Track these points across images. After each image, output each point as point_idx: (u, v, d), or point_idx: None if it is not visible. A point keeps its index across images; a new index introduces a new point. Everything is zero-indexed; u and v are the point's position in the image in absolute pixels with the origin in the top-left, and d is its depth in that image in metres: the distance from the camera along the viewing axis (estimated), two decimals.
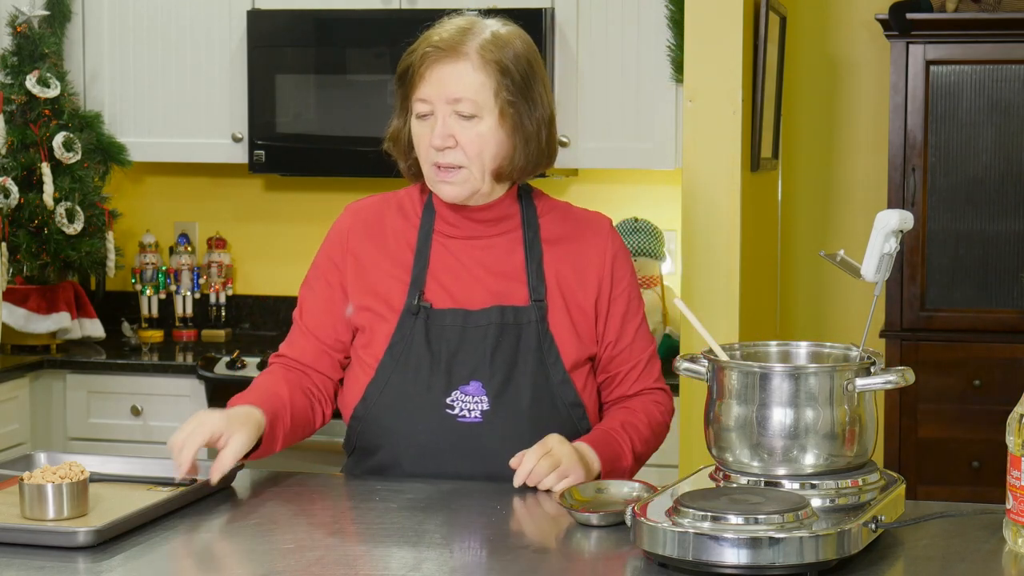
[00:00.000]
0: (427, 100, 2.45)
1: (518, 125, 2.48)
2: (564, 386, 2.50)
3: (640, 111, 4.27)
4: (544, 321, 2.51)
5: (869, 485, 2.11)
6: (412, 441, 2.47)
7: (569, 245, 2.58)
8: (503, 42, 2.47)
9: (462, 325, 2.49)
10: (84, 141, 4.51)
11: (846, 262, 2.22)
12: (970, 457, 4.30)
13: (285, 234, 4.86)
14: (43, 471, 2.19)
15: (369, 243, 2.57)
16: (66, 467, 2.20)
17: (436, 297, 2.51)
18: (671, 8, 4.16)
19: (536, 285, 2.52)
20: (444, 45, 2.45)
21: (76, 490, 2.17)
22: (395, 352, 2.49)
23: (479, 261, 2.54)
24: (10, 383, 4.23)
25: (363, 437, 2.52)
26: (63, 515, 2.15)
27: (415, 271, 2.52)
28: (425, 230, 2.55)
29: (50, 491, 2.15)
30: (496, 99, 2.45)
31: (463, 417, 2.46)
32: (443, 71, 2.44)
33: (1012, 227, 4.31)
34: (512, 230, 2.56)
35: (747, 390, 2.10)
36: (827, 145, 4.73)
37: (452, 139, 2.45)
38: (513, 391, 2.47)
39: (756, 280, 4.16)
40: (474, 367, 2.47)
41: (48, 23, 4.54)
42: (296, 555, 2.06)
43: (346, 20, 4.40)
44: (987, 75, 4.29)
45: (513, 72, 2.46)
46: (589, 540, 2.13)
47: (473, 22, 2.50)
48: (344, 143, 4.40)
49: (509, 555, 2.07)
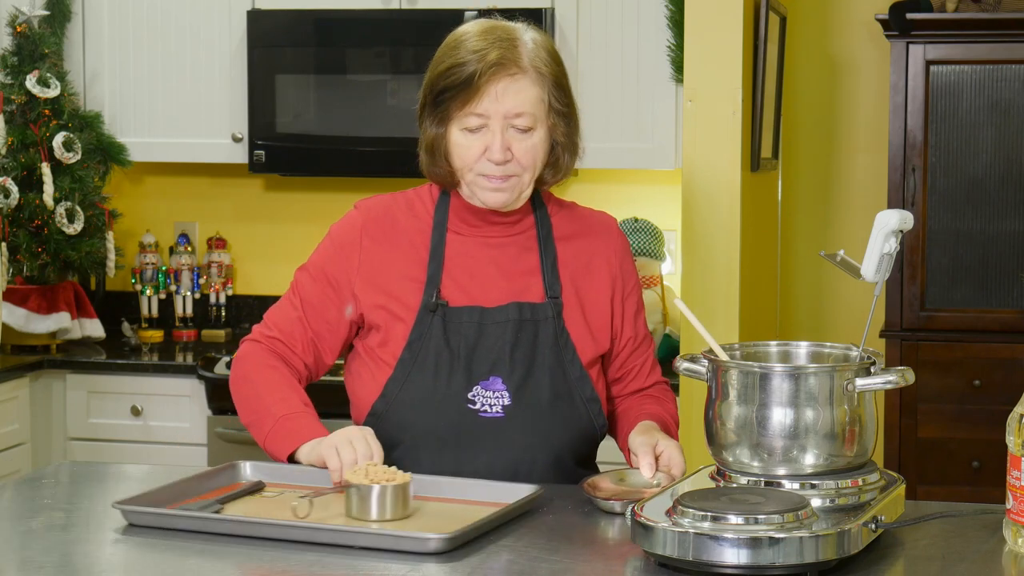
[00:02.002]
0: (484, 115, 2.44)
1: (566, 132, 2.52)
2: (582, 381, 2.52)
3: (640, 111, 4.27)
4: (560, 318, 2.53)
5: (869, 485, 2.11)
6: (434, 436, 2.48)
7: (580, 243, 2.60)
8: (547, 49, 2.49)
9: (479, 322, 2.50)
10: (84, 141, 4.51)
11: (846, 262, 2.22)
12: (970, 457, 4.30)
13: (285, 234, 4.86)
14: (367, 471, 2.21)
15: (382, 241, 2.56)
16: (388, 471, 2.22)
17: (452, 295, 2.52)
18: (671, 8, 4.16)
19: (552, 282, 2.54)
20: (504, 60, 2.43)
21: (402, 493, 2.20)
22: (414, 349, 2.49)
23: (494, 259, 2.55)
24: (10, 383, 4.23)
25: (382, 433, 2.52)
26: (386, 517, 2.18)
27: (431, 269, 2.53)
28: (439, 229, 2.55)
29: (375, 493, 2.18)
30: (549, 111, 2.48)
31: (485, 412, 2.47)
32: (505, 87, 2.43)
33: (1012, 227, 4.31)
34: (526, 229, 2.57)
35: (747, 390, 2.10)
36: (827, 145, 4.73)
37: (509, 152, 2.46)
38: (533, 386, 2.49)
39: (756, 280, 4.16)
40: (493, 363, 2.49)
41: (48, 23, 4.54)
42: (296, 555, 2.06)
43: (346, 20, 4.40)
44: (987, 75, 4.29)
45: (563, 83, 2.50)
46: (589, 539, 2.13)
47: (509, 30, 2.48)
48: (344, 143, 4.40)
49: (509, 555, 2.07)
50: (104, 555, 2.14)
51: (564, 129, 2.51)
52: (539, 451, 2.46)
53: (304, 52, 4.44)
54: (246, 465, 2.43)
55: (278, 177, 4.83)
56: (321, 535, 2.10)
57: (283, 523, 2.13)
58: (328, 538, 2.09)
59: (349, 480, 2.20)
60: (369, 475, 2.21)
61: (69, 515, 2.29)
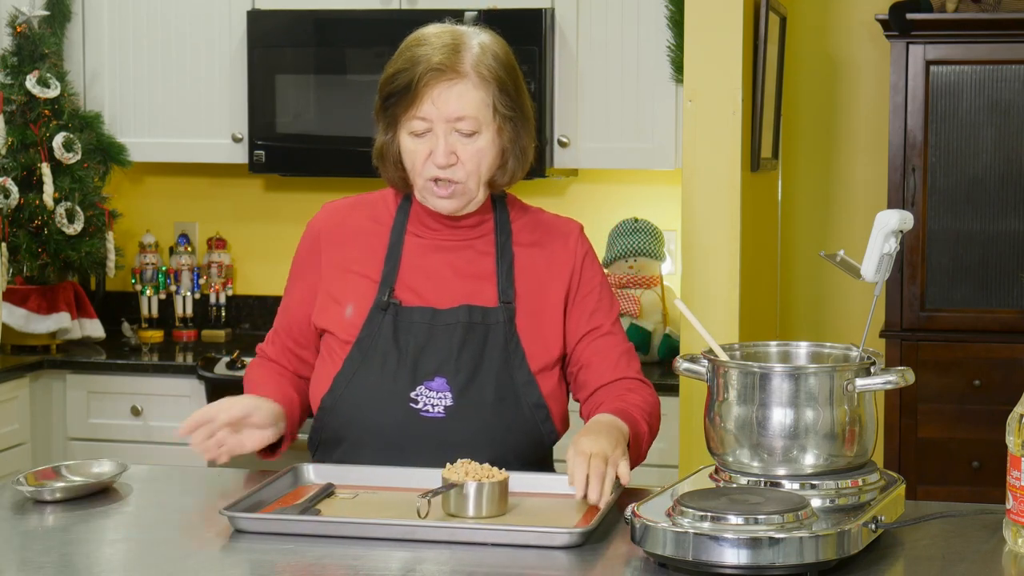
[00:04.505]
0: (426, 119, 2.47)
1: (514, 137, 2.52)
2: (529, 387, 2.52)
3: (640, 111, 4.27)
4: (512, 323, 2.53)
5: (869, 485, 2.11)
6: (375, 434, 2.49)
7: (540, 250, 2.60)
8: (493, 54, 2.50)
9: (430, 322, 2.52)
10: (84, 141, 4.51)
11: (846, 262, 2.22)
12: (970, 457, 4.30)
13: (285, 234, 4.85)
14: (465, 468, 2.23)
15: (341, 241, 2.61)
16: (485, 468, 2.24)
17: (405, 296, 2.54)
18: (671, 8, 4.16)
19: (505, 288, 2.55)
20: (443, 65, 2.45)
21: (500, 490, 2.22)
22: (363, 346, 2.52)
23: (450, 263, 2.57)
24: (10, 383, 4.23)
25: (328, 429, 2.55)
26: (482, 513, 2.20)
27: (386, 269, 2.56)
28: (397, 231, 2.58)
29: (473, 490, 2.20)
30: (494, 115, 2.48)
31: (426, 412, 2.48)
32: (443, 91, 2.45)
33: (1012, 227, 4.31)
34: (485, 234, 2.59)
35: (747, 390, 2.10)
36: (827, 145, 4.73)
37: (454, 156, 2.47)
38: (477, 388, 2.49)
39: (756, 280, 4.16)
40: (440, 363, 2.50)
41: (48, 23, 4.54)
42: (296, 555, 2.06)
43: (346, 20, 4.40)
44: (987, 75, 4.29)
45: (508, 86, 2.50)
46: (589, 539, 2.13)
47: (457, 35, 2.51)
48: (344, 143, 4.40)
49: (509, 555, 2.07)
50: (104, 555, 2.14)
51: (511, 134, 2.51)
52: (480, 453, 2.41)
53: (304, 52, 4.44)
54: (309, 468, 2.45)
55: (278, 177, 4.83)
56: (460, 534, 2.12)
57: (413, 524, 2.14)
58: (466, 536, 2.12)
59: (447, 478, 2.22)
60: (468, 473, 2.22)
61: (69, 515, 2.29)
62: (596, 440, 2.28)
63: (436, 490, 2.21)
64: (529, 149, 2.56)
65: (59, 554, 2.09)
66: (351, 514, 2.24)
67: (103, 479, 2.43)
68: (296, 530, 2.16)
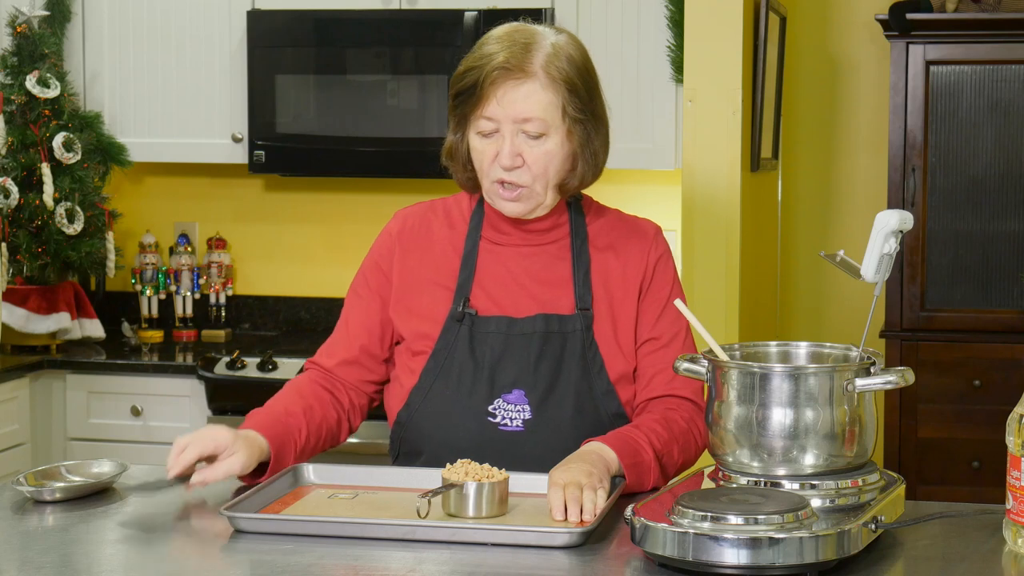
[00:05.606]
0: (493, 119, 2.42)
1: (584, 141, 2.47)
2: (608, 397, 2.47)
3: (640, 111, 4.27)
4: (589, 330, 2.48)
5: (869, 485, 2.11)
6: (453, 448, 2.43)
7: (616, 253, 2.54)
8: (566, 55, 2.43)
9: (506, 333, 2.47)
10: (84, 141, 4.51)
11: (846, 262, 2.22)
12: (970, 457, 4.30)
13: (285, 234, 4.86)
14: (465, 469, 2.22)
15: (416, 249, 2.55)
16: (485, 469, 2.23)
17: (481, 304, 2.50)
18: (671, 8, 4.16)
19: (582, 294, 2.49)
20: (510, 64, 2.40)
21: (499, 490, 2.21)
22: (439, 358, 2.48)
23: (526, 269, 2.52)
24: (10, 383, 4.23)
25: (406, 443, 2.51)
26: (482, 514, 2.19)
27: (461, 278, 2.51)
28: (473, 237, 2.53)
29: (473, 490, 2.19)
30: (564, 117, 2.44)
31: (505, 426, 2.45)
32: (510, 90, 2.40)
33: (1012, 227, 4.31)
34: (561, 238, 2.54)
35: (747, 390, 2.10)
36: (827, 145, 4.73)
37: (520, 158, 2.43)
38: (556, 401, 2.45)
39: (756, 280, 4.16)
40: (517, 375, 2.45)
41: (48, 23, 4.54)
42: (296, 555, 2.06)
43: (346, 20, 4.41)
44: (987, 75, 4.29)
45: (580, 88, 2.44)
46: (589, 539, 2.13)
47: (530, 34, 2.44)
48: (344, 143, 4.40)
49: (509, 555, 2.07)
50: (104, 555, 2.14)
51: (581, 138, 2.46)
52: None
53: (304, 52, 4.44)
54: (309, 468, 2.43)
55: (278, 177, 4.83)
56: (460, 534, 2.12)
57: (413, 524, 2.14)
58: (466, 536, 2.11)
59: (447, 478, 2.21)
60: (468, 473, 2.22)
61: (69, 515, 2.29)
62: (567, 471, 2.23)
63: (436, 490, 2.20)
64: (601, 153, 2.51)
65: (59, 554, 2.09)
66: (351, 514, 2.24)
67: (103, 479, 2.43)
68: (296, 530, 2.15)
